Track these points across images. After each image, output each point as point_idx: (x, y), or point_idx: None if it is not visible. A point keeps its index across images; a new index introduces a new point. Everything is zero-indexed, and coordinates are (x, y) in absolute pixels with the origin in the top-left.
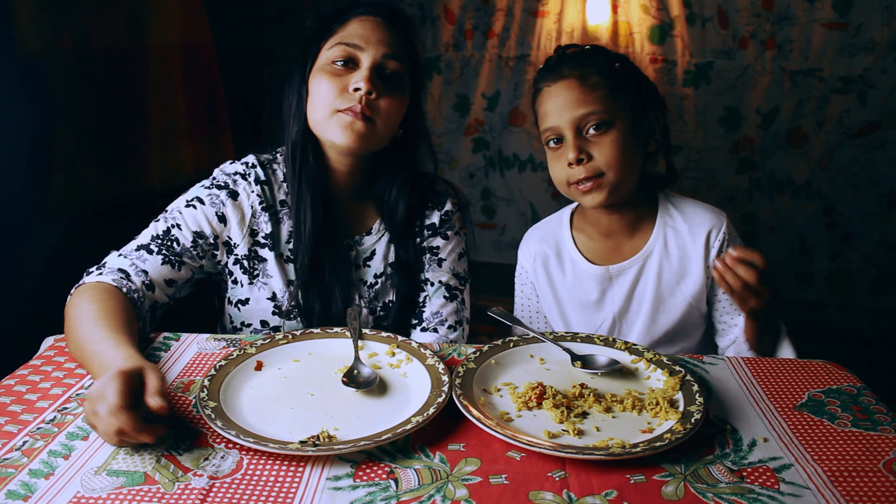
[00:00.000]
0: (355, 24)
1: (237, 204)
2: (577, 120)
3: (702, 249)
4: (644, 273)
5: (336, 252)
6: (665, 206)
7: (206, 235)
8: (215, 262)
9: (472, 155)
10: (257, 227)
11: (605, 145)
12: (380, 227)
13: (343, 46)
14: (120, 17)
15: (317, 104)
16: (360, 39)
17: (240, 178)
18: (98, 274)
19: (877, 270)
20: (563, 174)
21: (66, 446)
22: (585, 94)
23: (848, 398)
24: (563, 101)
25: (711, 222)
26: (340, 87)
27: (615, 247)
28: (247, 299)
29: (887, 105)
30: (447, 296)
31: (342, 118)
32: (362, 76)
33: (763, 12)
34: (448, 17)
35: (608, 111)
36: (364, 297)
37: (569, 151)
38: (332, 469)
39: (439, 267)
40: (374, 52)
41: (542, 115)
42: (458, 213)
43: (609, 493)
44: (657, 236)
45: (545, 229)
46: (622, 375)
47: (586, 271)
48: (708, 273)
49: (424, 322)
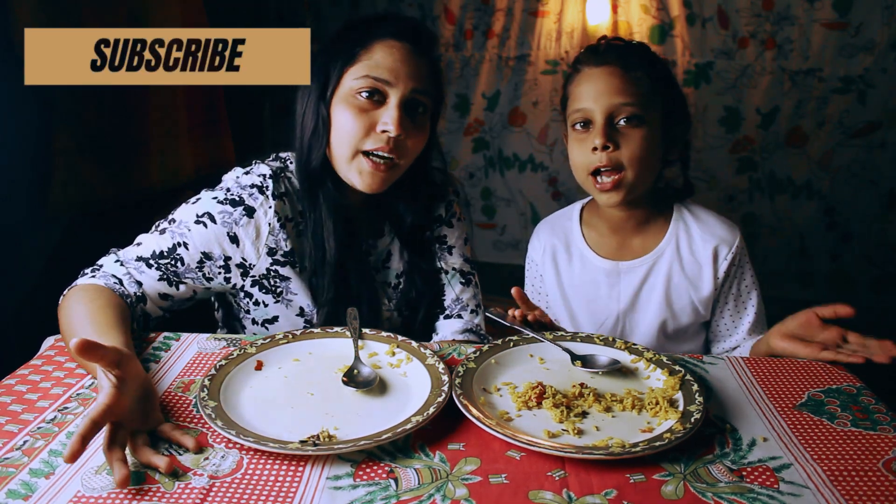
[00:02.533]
0: (382, 51)
1: (252, 222)
2: (612, 107)
3: (711, 259)
4: (653, 273)
5: (359, 261)
6: (681, 211)
7: (214, 257)
8: (229, 284)
9: (472, 155)
10: (276, 244)
11: (632, 139)
12: (391, 227)
13: (370, 80)
14: (120, 16)
15: (341, 139)
16: (389, 73)
17: (257, 192)
18: (91, 276)
19: (877, 270)
20: (584, 160)
21: (67, 446)
22: (626, 85)
23: (848, 398)
24: (602, 85)
25: (724, 236)
26: (367, 124)
27: (623, 243)
28: (275, 317)
29: (887, 105)
30: (463, 281)
31: (364, 165)
32: (392, 118)
33: (763, 12)
34: (448, 17)
35: (643, 107)
36: (392, 300)
37: (596, 137)
38: (332, 468)
39: (450, 255)
40: (404, 87)
41: (576, 95)
42: (457, 200)
43: (609, 493)
44: (670, 238)
45: (555, 222)
46: (622, 375)
47: (595, 265)
48: (716, 283)
49: (447, 310)
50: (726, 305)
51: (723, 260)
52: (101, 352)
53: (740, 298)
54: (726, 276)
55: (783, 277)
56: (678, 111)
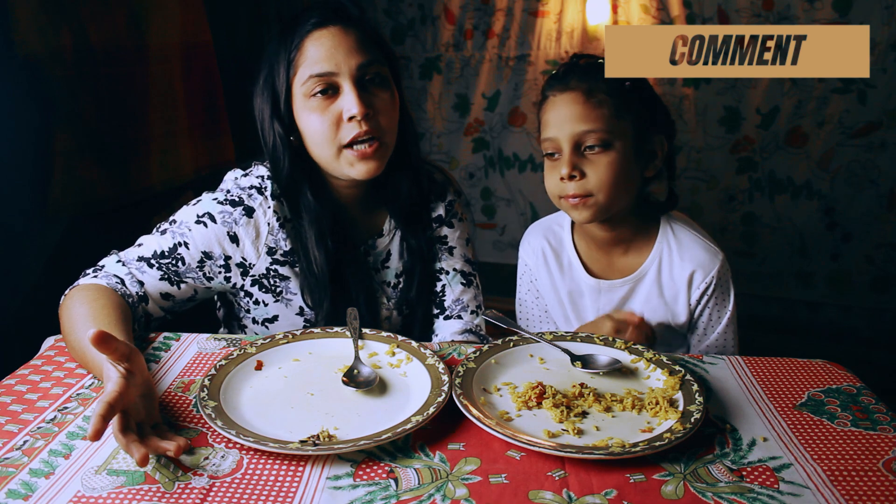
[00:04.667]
0: (313, 46)
1: (252, 222)
2: (576, 135)
3: (686, 284)
4: (634, 295)
5: (354, 262)
6: (666, 231)
7: (214, 256)
8: (229, 284)
9: (472, 155)
10: (275, 244)
11: (600, 165)
12: (391, 226)
13: (314, 79)
14: (120, 17)
15: (318, 143)
16: (328, 64)
17: (256, 193)
18: (93, 276)
19: (877, 270)
20: (555, 187)
21: (67, 446)
22: (589, 111)
23: (847, 398)
24: (565, 113)
25: (702, 262)
26: (333, 119)
27: (610, 262)
28: (275, 317)
29: (887, 105)
30: (464, 282)
31: (351, 157)
32: (351, 101)
33: (763, 12)
34: (448, 17)
35: (609, 131)
36: (392, 299)
37: (563, 166)
38: (332, 468)
39: (451, 255)
40: (349, 69)
41: (544, 124)
42: (458, 200)
43: (609, 493)
44: (652, 261)
45: (548, 227)
46: (622, 375)
47: (581, 279)
48: (689, 310)
49: (447, 310)
50: (696, 331)
51: (696, 288)
52: (115, 345)
53: (710, 324)
54: (697, 303)
55: (783, 277)
56: (654, 124)
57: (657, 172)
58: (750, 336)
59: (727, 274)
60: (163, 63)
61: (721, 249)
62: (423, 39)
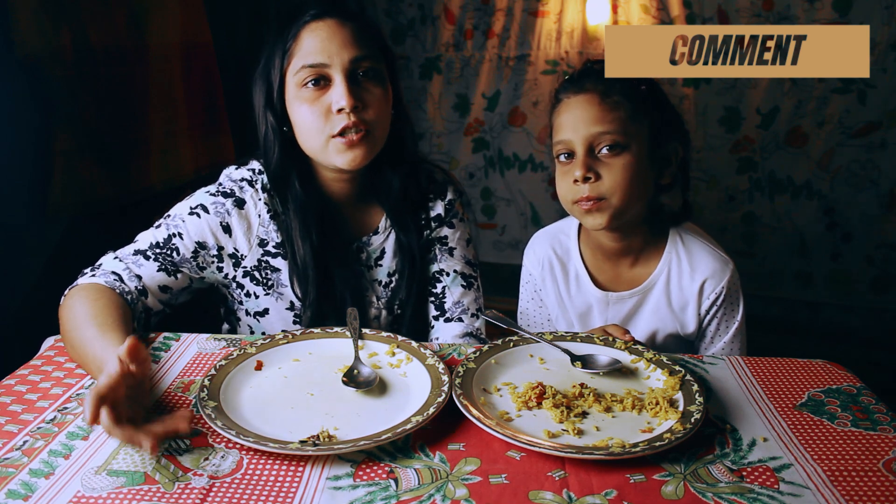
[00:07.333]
0: (309, 37)
1: (243, 213)
2: (591, 137)
3: (696, 295)
4: (643, 307)
5: (343, 258)
6: (675, 241)
7: (208, 246)
8: (222, 274)
9: (472, 155)
10: (266, 236)
11: (615, 168)
12: (386, 224)
13: (307, 69)
14: (120, 17)
15: (307, 133)
16: (321, 55)
17: (247, 185)
18: (91, 276)
19: (877, 270)
20: (568, 191)
21: (67, 446)
22: (604, 113)
23: (848, 398)
24: (580, 115)
25: (712, 272)
26: (323, 111)
27: (618, 273)
28: (265, 310)
29: (887, 105)
30: (464, 284)
31: (338, 145)
32: (340, 94)
33: (763, 12)
34: (448, 17)
35: (625, 133)
36: (381, 298)
37: (577, 168)
38: (332, 469)
39: (451, 256)
40: (341, 61)
41: (557, 127)
42: (459, 200)
43: (609, 493)
44: (661, 271)
45: (553, 236)
46: (622, 375)
47: (589, 291)
48: (699, 320)
49: (447, 313)
50: (703, 339)
51: (706, 297)
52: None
53: (717, 333)
54: (707, 312)
55: (783, 277)
56: (669, 130)
57: (671, 182)
58: (750, 336)
59: (737, 283)
60: (163, 63)
61: (731, 258)
62: (423, 39)
